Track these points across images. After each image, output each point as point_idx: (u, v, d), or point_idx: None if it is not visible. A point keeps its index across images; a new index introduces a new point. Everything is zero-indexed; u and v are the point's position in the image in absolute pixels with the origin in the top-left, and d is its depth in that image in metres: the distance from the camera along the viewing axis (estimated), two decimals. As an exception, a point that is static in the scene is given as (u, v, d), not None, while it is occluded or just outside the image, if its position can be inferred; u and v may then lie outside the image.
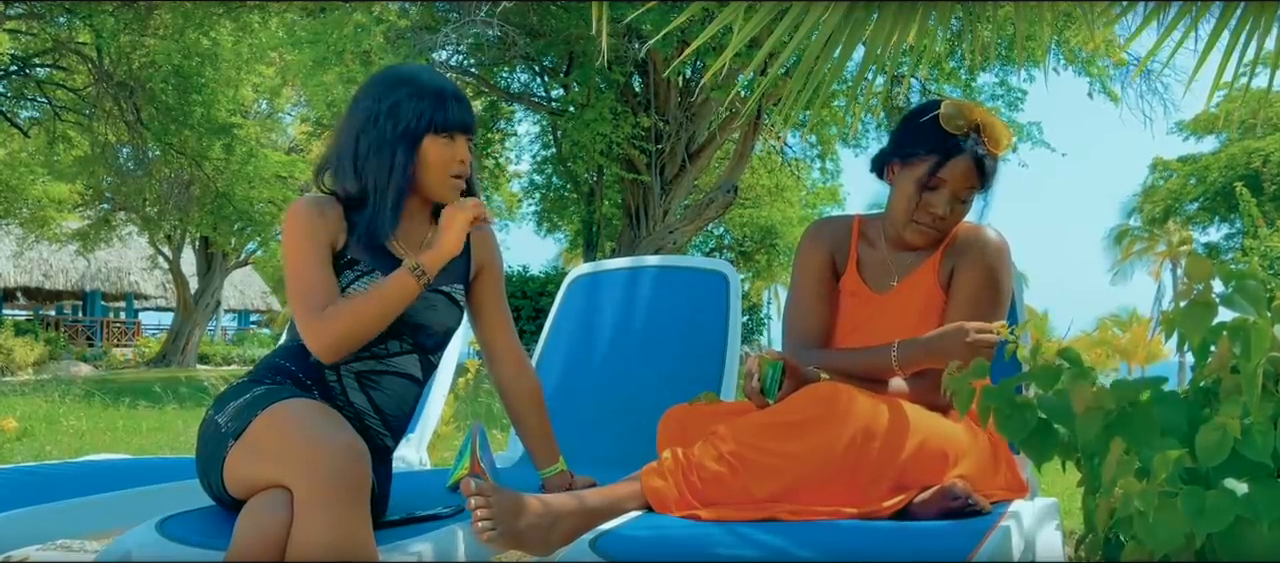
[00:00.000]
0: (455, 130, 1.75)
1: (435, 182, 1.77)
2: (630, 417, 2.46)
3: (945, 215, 1.91)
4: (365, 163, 1.74)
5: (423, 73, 1.79)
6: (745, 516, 1.62)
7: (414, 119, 1.72)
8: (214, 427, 1.65)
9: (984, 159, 1.89)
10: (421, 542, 1.58)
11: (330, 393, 1.72)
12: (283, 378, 1.72)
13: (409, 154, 1.72)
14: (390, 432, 1.80)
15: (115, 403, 8.38)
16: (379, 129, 1.73)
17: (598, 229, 15.11)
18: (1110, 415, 1.17)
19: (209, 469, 1.65)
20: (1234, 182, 16.42)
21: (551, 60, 13.87)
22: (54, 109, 14.89)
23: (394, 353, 1.76)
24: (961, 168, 1.89)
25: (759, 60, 2.17)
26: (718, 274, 2.66)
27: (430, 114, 1.72)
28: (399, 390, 1.78)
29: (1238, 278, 1.17)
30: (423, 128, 1.72)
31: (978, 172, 1.89)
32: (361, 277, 1.72)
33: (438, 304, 1.80)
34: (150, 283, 24.78)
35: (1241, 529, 1.06)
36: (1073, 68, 12.32)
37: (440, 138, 1.74)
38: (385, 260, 1.75)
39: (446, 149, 1.75)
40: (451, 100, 1.74)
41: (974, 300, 1.90)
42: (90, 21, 12.75)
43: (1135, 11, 2.14)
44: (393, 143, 1.72)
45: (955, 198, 1.91)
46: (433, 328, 1.80)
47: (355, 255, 1.74)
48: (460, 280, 1.86)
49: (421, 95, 1.73)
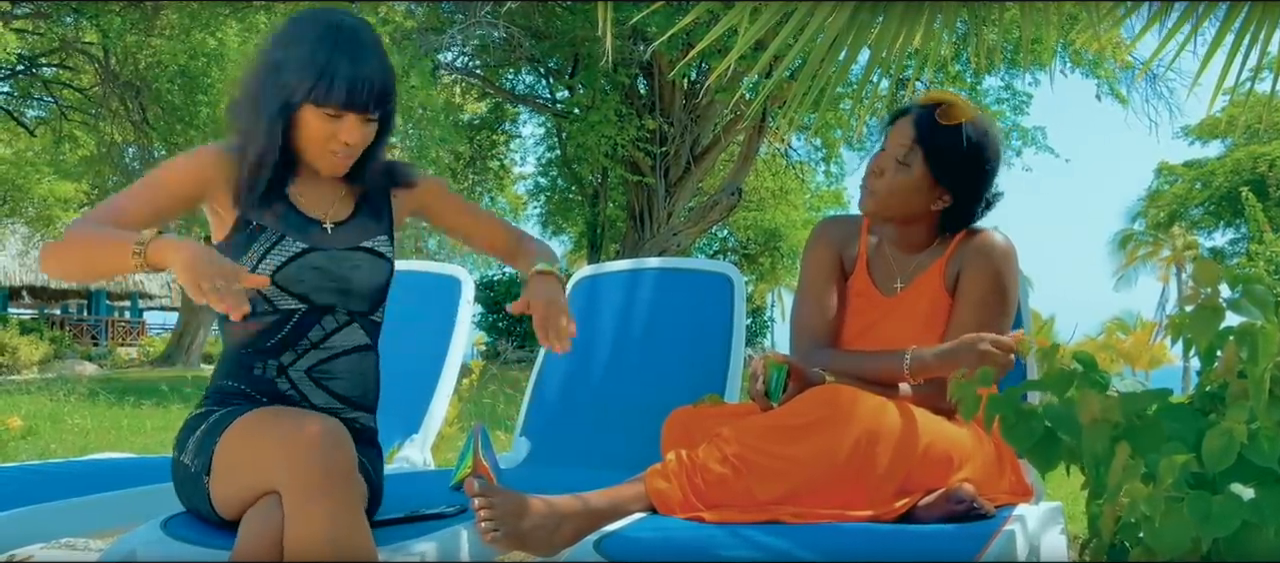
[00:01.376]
0: (340, 108, 1.58)
1: (313, 152, 1.63)
2: (634, 419, 2.46)
3: (880, 172, 1.93)
4: (243, 118, 1.64)
5: (326, 33, 1.58)
6: (749, 518, 1.61)
7: (294, 86, 1.57)
8: (182, 467, 1.61)
9: (920, 115, 1.91)
10: (425, 542, 1.57)
11: (288, 401, 1.66)
12: (235, 399, 1.65)
13: (278, 118, 1.59)
14: (362, 411, 1.74)
15: (120, 402, 8.40)
16: (261, 85, 1.61)
17: (602, 231, 15.12)
18: (1118, 428, 1.16)
19: (197, 505, 1.61)
20: (1239, 186, 16.38)
21: (557, 62, 13.89)
22: (60, 108, 14.94)
23: (332, 331, 1.67)
24: (899, 126, 1.93)
25: (764, 62, 2.17)
26: (722, 277, 2.66)
27: (310, 86, 1.56)
28: (355, 368, 1.70)
29: (1245, 282, 1.16)
30: (300, 98, 1.58)
31: (914, 128, 1.91)
32: (272, 247, 1.62)
33: (362, 263, 1.69)
34: (155, 282, 24.84)
35: (1248, 534, 1.05)
36: (1080, 70, 12.32)
37: (322, 111, 1.58)
38: (296, 222, 1.65)
39: (327, 124, 1.59)
40: (341, 80, 1.56)
41: (980, 304, 1.89)
42: (97, 21, 12.78)
43: (1139, 14, 2.14)
44: (269, 106, 1.59)
45: (892, 156, 1.92)
46: (361, 288, 1.69)
47: (262, 221, 1.63)
48: (383, 232, 1.74)
49: (306, 63, 1.56)
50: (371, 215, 1.74)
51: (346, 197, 1.74)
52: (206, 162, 1.65)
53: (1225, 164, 22.49)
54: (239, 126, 1.66)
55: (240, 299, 1.39)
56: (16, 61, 14.00)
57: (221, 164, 1.65)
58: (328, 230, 1.69)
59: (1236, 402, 1.12)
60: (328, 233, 1.69)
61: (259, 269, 1.60)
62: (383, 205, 1.77)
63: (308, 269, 1.64)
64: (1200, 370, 1.21)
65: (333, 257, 1.66)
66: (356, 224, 1.72)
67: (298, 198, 1.68)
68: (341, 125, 1.60)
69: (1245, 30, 2.00)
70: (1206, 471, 1.09)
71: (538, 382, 2.68)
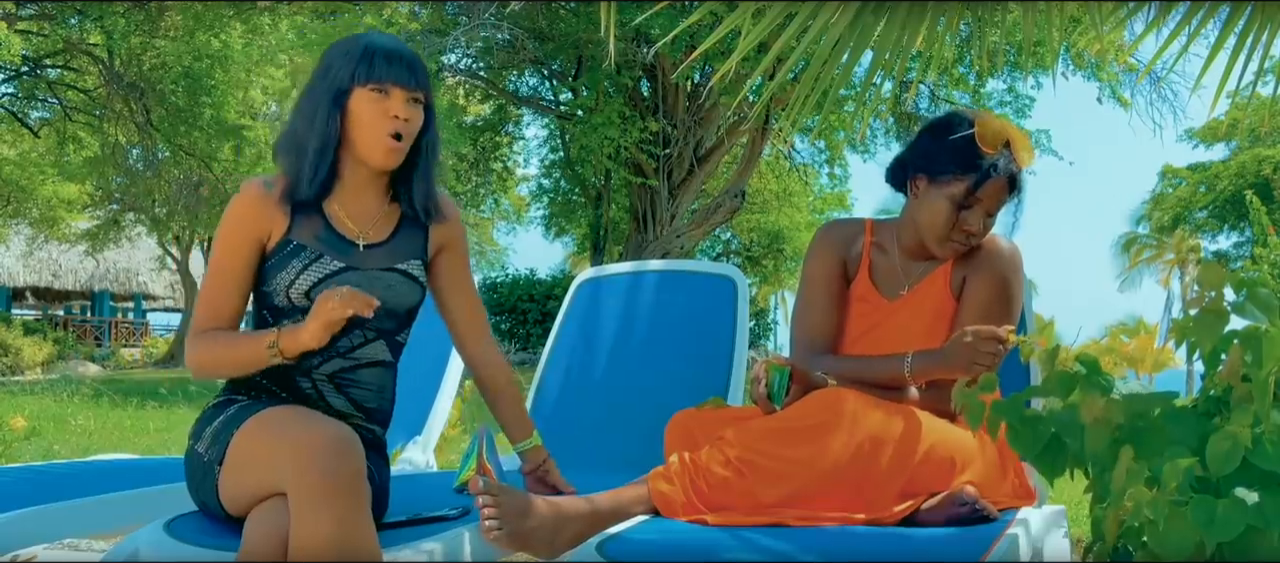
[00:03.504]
0: (386, 82, 1.66)
1: (368, 140, 1.68)
2: (637, 421, 2.45)
3: (979, 232, 1.91)
4: (298, 126, 1.70)
5: (364, 35, 1.72)
6: (752, 521, 1.61)
7: (342, 74, 1.66)
8: (196, 456, 1.64)
9: (1016, 176, 1.90)
10: (427, 543, 1.58)
11: (308, 400, 1.69)
12: (256, 392, 1.69)
13: (333, 109, 1.66)
14: (376, 424, 1.78)
15: (123, 403, 8.41)
16: (313, 93, 1.69)
17: (605, 233, 15.12)
18: (1121, 431, 1.16)
19: (205, 498, 1.64)
20: (1244, 189, 16.36)
21: (560, 64, 13.89)
22: (64, 110, 14.97)
23: (359, 345, 1.72)
24: (996, 187, 1.88)
25: (767, 64, 2.17)
26: (725, 279, 2.66)
27: (354, 68, 1.65)
28: (375, 381, 1.75)
29: (1249, 286, 1.16)
30: (349, 81, 1.66)
31: (1010, 188, 1.90)
32: (309, 265, 1.67)
33: (395, 284, 1.74)
34: (159, 284, 24.87)
35: (1252, 538, 1.05)
36: (1082, 73, 12.30)
37: (369, 91, 1.65)
38: (333, 242, 1.70)
39: (377, 103, 1.66)
40: (380, 53, 1.66)
41: (986, 309, 1.89)
42: (101, 23, 12.80)
43: (1142, 15, 2.13)
44: (323, 101, 1.67)
45: (987, 214, 1.91)
46: (392, 308, 1.74)
47: (300, 240, 1.68)
48: (418, 256, 1.79)
49: (354, 54, 1.67)
50: (409, 239, 1.79)
51: (387, 216, 1.78)
52: (255, 193, 1.69)
53: (1229, 167, 22.46)
54: (291, 145, 1.71)
55: (357, 296, 1.58)
56: (21, 63, 14.03)
57: (277, 188, 1.70)
58: (361, 249, 1.73)
59: (1241, 405, 1.12)
60: (362, 252, 1.73)
61: (297, 285, 1.67)
62: (421, 233, 1.81)
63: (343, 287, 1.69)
64: (1204, 374, 1.21)
65: (368, 276, 1.71)
66: (392, 246, 1.77)
67: (337, 218, 1.73)
68: (390, 102, 1.66)
69: (1247, 33, 2.00)
70: (1210, 474, 1.09)
71: (540, 384, 2.68)
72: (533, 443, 1.91)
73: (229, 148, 15.04)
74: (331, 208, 1.72)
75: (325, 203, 1.72)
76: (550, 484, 1.87)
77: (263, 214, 1.68)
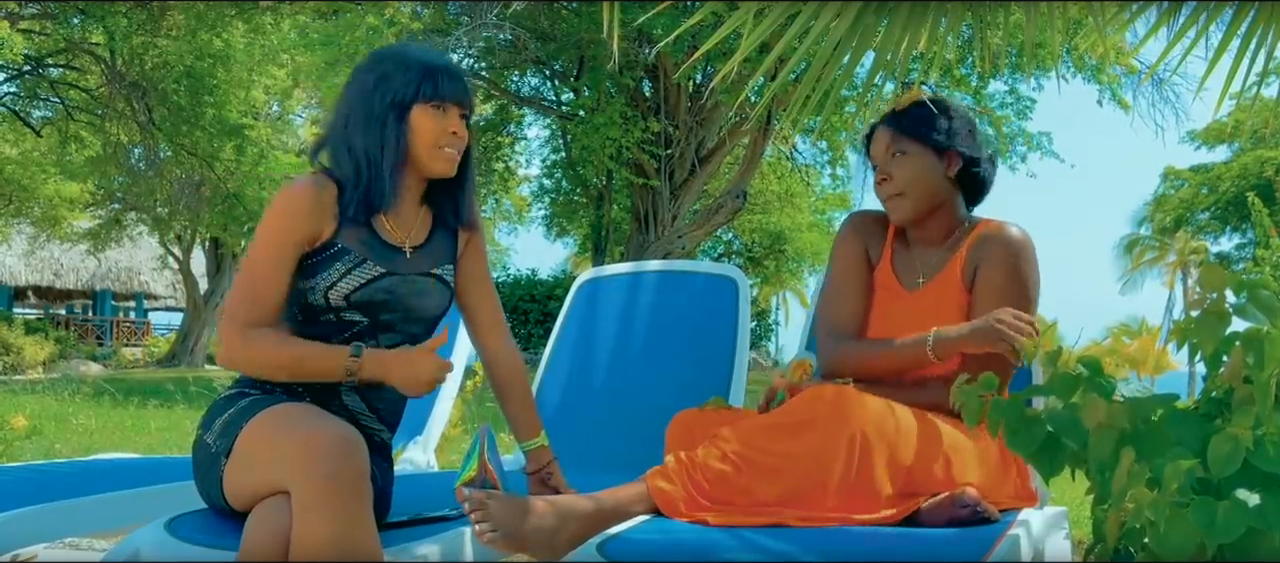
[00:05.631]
0: (446, 101, 1.73)
1: (426, 153, 1.73)
2: (638, 421, 2.45)
3: (886, 178, 2.00)
4: (356, 137, 1.71)
5: (413, 48, 1.78)
6: (753, 521, 1.61)
7: (404, 89, 1.71)
8: (204, 446, 1.64)
9: (883, 118, 2.03)
10: (428, 544, 1.58)
11: (323, 397, 1.70)
12: (270, 386, 1.70)
13: (400, 123, 1.71)
14: (386, 426, 1.80)
15: (124, 402, 8.41)
16: (368, 102, 1.71)
17: (607, 233, 15.12)
18: (1123, 433, 1.16)
19: (208, 489, 1.65)
20: (1246, 191, 16.34)
21: (562, 64, 13.89)
22: (66, 109, 14.98)
23: (386, 347, 1.73)
24: (875, 137, 2.04)
25: (768, 64, 2.17)
26: (727, 279, 2.66)
27: (418, 83, 1.71)
28: None
29: (1251, 287, 1.16)
30: (412, 97, 1.71)
31: (885, 128, 2.02)
32: (353, 269, 1.69)
33: (428, 289, 1.78)
34: (160, 283, 24.88)
35: (1253, 540, 1.05)
36: (1082, 75, 12.29)
37: (430, 107, 1.72)
38: (378, 248, 1.72)
39: (438, 119, 1.72)
40: (442, 71, 1.73)
41: (999, 296, 1.90)
42: (103, 22, 12.81)
43: (1145, 17, 2.13)
44: (383, 114, 1.70)
45: (884, 159, 2.01)
46: (422, 313, 1.78)
47: (346, 244, 1.70)
48: (450, 260, 1.84)
49: (410, 67, 1.72)
50: (442, 244, 1.83)
51: (423, 222, 1.82)
52: (310, 192, 1.69)
53: (1232, 169, 22.44)
54: (345, 154, 1.72)
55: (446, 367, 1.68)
56: (23, 62, 14.05)
57: (328, 190, 1.71)
58: (407, 255, 1.76)
59: (1242, 407, 1.12)
60: (407, 258, 1.76)
61: (338, 287, 1.69)
62: (451, 237, 1.85)
63: (380, 292, 1.72)
64: (1206, 376, 1.21)
65: (405, 281, 1.74)
66: (430, 250, 1.80)
67: (381, 223, 1.75)
68: (448, 118, 1.74)
69: (1251, 35, 1.99)
70: (1212, 476, 1.09)
71: (541, 385, 2.68)
72: (539, 443, 1.92)
73: (231, 147, 15.05)
74: (377, 218, 1.75)
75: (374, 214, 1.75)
76: (552, 486, 1.87)
77: (315, 213, 1.69)
